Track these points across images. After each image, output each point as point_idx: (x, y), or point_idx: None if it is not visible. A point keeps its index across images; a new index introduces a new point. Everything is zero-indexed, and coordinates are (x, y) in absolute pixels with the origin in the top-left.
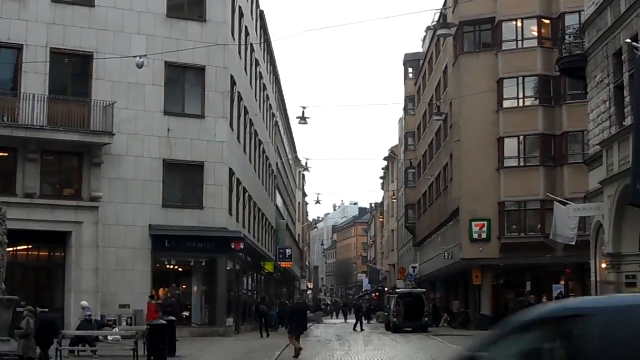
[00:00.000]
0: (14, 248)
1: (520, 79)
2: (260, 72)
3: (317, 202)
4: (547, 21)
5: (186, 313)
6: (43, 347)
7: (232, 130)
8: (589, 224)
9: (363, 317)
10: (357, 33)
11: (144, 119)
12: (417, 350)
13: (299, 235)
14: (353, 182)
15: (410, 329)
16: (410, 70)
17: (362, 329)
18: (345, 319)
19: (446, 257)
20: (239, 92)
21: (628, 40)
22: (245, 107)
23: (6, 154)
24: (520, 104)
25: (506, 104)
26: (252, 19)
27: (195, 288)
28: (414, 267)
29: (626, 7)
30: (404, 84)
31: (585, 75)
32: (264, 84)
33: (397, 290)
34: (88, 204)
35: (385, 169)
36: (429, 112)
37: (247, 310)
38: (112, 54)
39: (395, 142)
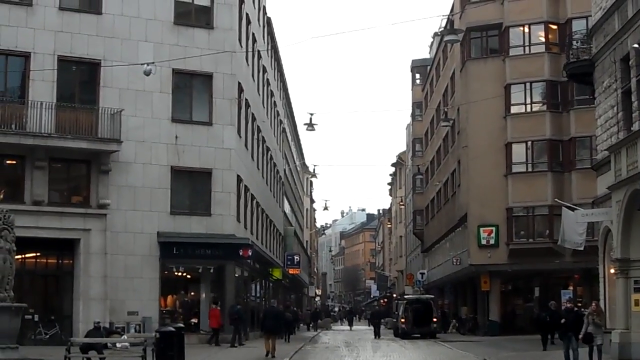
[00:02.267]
0: (23, 256)
1: (528, 84)
2: (267, 79)
3: (325, 208)
4: (554, 27)
5: (195, 320)
6: None
7: (240, 137)
8: (597, 230)
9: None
10: (364, 39)
11: (151, 127)
12: (426, 356)
13: (307, 241)
14: (361, 189)
15: (419, 335)
16: (417, 76)
17: (379, 337)
18: (351, 326)
19: (454, 263)
20: (246, 99)
21: (635, 45)
22: (252, 114)
23: (14, 162)
24: (528, 109)
25: (514, 109)
26: (260, 26)
27: (204, 295)
28: (422, 274)
29: (633, 12)
30: (412, 90)
31: (593, 80)
32: (271, 91)
33: (405, 296)
34: (96, 211)
35: (393, 175)
36: (436, 118)
37: (256, 317)
38: (119, 61)
39: (403, 148)
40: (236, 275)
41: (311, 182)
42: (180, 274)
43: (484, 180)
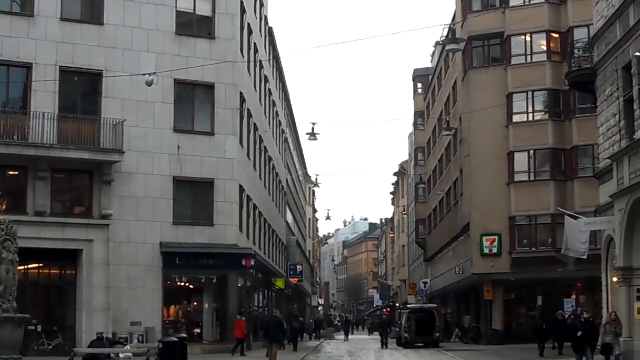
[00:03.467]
0: (25, 266)
1: (530, 93)
2: (269, 89)
3: (328, 218)
4: (556, 35)
5: (197, 330)
6: None
7: (242, 147)
8: (600, 238)
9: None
10: (366, 49)
11: (153, 137)
12: None
13: (309, 251)
14: (363, 198)
15: (421, 344)
16: (419, 85)
17: (386, 347)
18: (347, 336)
19: (457, 272)
20: (248, 109)
21: (637, 53)
22: (254, 123)
23: (16, 173)
24: (530, 118)
25: (516, 118)
26: (261, 35)
27: (207, 305)
28: (425, 282)
29: (635, 20)
30: (414, 99)
31: (595, 88)
32: (273, 101)
33: (408, 305)
34: (99, 221)
35: (395, 184)
36: (438, 127)
37: (258, 326)
38: (121, 71)
39: (405, 157)
40: (239, 285)
41: (313, 191)
42: (182, 284)
43: (486, 189)
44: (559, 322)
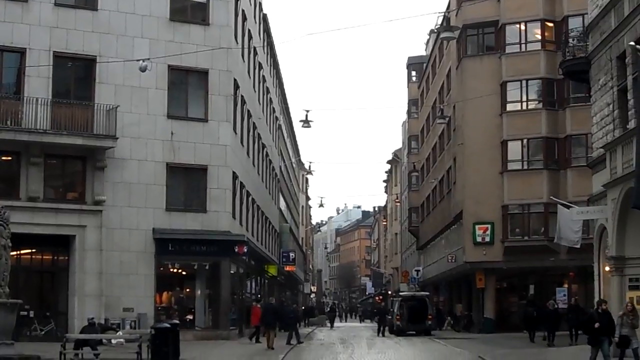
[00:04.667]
0: (18, 252)
1: (524, 82)
2: (263, 76)
3: (321, 205)
4: (550, 24)
5: (190, 316)
6: None
7: (236, 133)
8: (592, 227)
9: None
10: (360, 37)
11: (147, 123)
12: (421, 353)
13: (302, 238)
14: (356, 186)
15: (414, 332)
16: (413, 73)
17: (383, 334)
18: (332, 325)
19: (450, 260)
20: (242, 96)
21: (632, 43)
22: (248, 110)
23: (10, 158)
24: (524, 107)
25: (510, 107)
26: (255, 22)
27: (199, 292)
28: (417, 271)
29: (630, 10)
30: (408, 87)
31: (589, 78)
32: (267, 88)
33: (400, 293)
34: (92, 207)
35: (389, 172)
36: (432, 116)
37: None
38: (115, 57)
39: (399, 145)
40: (231, 271)
41: (307, 179)
42: (175, 270)
43: (479, 177)
44: (550, 313)
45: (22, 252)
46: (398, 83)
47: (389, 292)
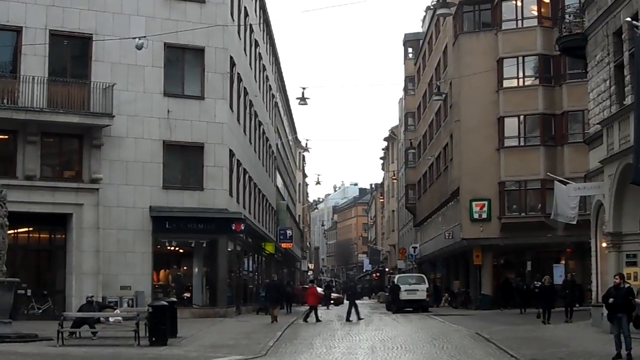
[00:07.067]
0: (15, 230)
1: (521, 58)
2: (259, 53)
3: (318, 183)
4: (547, 0)
5: (187, 294)
6: None
7: (232, 111)
8: (589, 204)
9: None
10: (356, 13)
11: (143, 101)
12: (418, 330)
13: (299, 216)
14: (353, 163)
15: (411, 309)
16: (410, 50)
17: (359, 317)
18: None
19: (447, 237)
20: (238, 73)
21: (628, 19)
22: (245, 88)
23: (6, 137)
24: (521, 83)
25: (506, 83)
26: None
27: (196, 269)
28: (414, 248)
29: None
30: (404, 64)
31: (586, 54)
32: (263, 65)
33: (399, 275)
34: (88, 186)
35: (386, 149)
36: (429, 93)
37: (247, 290)
38: (111, 35)
39: (396, 122)
40: (229, 249)
41: (303, 156)
42: (172, 248)
43: (476, 154)
44: (546, 289)
45: (19, 230)
46: (395, 60)
47: (387, 269)
